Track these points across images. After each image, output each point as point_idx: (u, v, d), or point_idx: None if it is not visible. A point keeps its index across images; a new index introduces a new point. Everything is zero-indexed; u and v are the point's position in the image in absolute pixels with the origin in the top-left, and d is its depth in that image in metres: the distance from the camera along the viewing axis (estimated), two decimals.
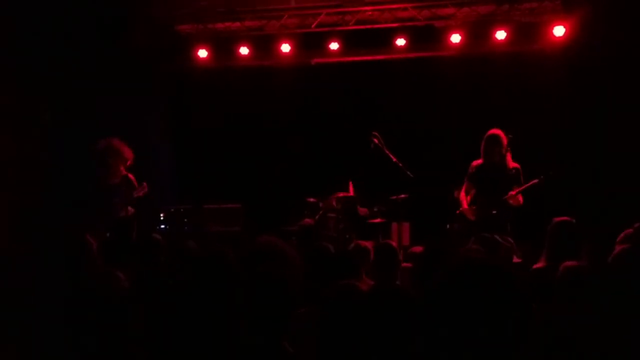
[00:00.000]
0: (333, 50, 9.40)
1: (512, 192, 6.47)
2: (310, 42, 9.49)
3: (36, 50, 7.46)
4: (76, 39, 7.82)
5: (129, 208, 6.72)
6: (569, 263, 3.27)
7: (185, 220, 8.50)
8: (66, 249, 3.19)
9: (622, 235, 4.25)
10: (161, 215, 8.44)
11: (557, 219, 4.43)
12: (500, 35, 8.86)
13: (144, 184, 6.82)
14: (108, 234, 6.18)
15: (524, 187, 6.50)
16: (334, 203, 8.02)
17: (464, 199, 6.87)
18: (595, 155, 7.92)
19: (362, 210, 8.15)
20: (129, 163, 6.83)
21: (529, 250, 5.48)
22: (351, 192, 8.23)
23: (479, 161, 6.74)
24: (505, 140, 6.59)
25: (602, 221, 5.77)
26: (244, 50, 9.63)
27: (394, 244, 4.89)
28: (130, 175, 6.79)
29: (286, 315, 2.47)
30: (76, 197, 7.05)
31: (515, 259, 5.75)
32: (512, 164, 6.64)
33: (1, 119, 7.13)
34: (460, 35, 8.98)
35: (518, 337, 1.59)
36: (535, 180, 6.47)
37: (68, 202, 7.22)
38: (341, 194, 8.10)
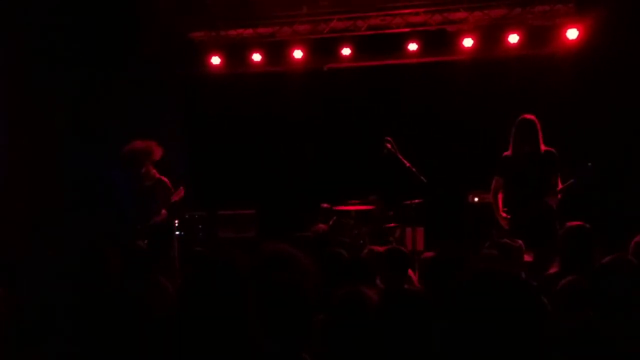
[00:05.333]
0: (345, 55, 9.43)
1: (556, 189, 5.77)
2: (323, 48, 9.52)
3: (52, 57, 7.56)
4: (90, 46, 7.91)
5: (163, 211, 6.57)
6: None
7: (200, 226, 8.54)
8: (83, 259, 3.21)
9: (633, 243, 4.19)
10: (175, 221, 8.46)
11: (570, 224, 4.40)
12: (513, 39, 8.83)
13: (181, 188, 6.69)
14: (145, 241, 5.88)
15: (562, 187, 5.81)
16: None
17: (499, 202, 6.07)
18: (610, 160, 7.85)
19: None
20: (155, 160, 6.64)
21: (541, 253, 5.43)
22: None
23: (509, 152, 6.04)
24: (540, 128, 5.88)
25: (616, 227, 5.72)
26: (256, 57, 9.67)
27: (404, 249, 4.89)
28: (164, 178, 6.70)
29: (305, 325, 2.40)
30: (100, 204, 7.03)
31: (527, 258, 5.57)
32: (544, 147, 5.89)
33: (16, 125, 7.23)
34: (472, 39, 8.97)
35: (534, 349, 1.58)
36: (572, 181, 5.75)
37: (87, 210, 7.27)
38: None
